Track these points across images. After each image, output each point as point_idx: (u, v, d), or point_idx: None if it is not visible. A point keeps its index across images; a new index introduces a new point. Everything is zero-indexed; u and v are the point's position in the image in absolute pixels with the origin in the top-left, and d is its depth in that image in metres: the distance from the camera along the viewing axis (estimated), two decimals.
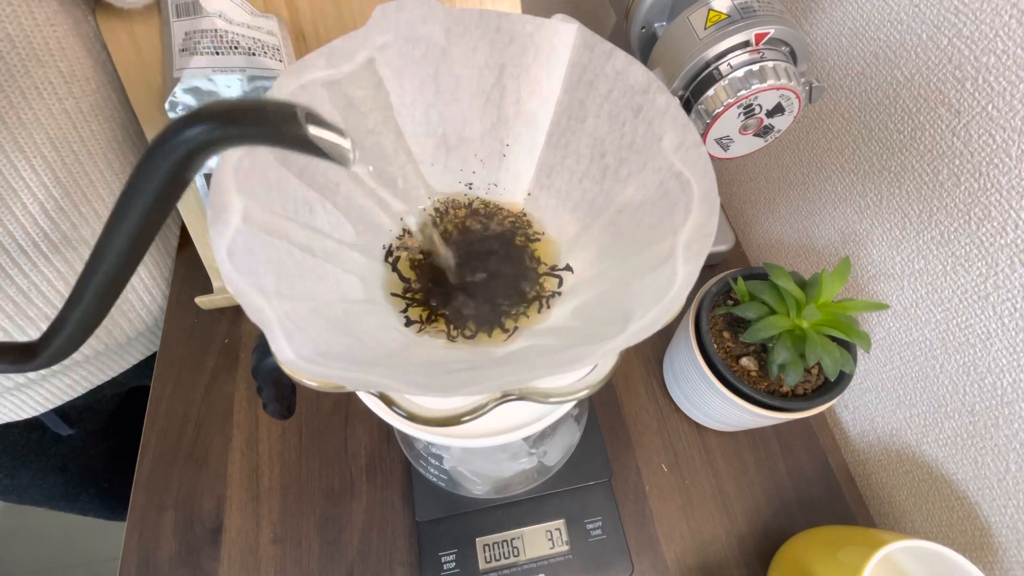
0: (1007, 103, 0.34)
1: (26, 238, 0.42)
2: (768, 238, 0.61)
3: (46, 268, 0.44)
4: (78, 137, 0.43)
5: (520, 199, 0.28)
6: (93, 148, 0.45)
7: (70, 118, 0.42)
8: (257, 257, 0.19)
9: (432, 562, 0.44)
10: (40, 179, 0.41)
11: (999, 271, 0.36)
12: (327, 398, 0.52)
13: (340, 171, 0.24)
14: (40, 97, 0.40)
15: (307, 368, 0.17)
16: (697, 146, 0.21)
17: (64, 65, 0.41)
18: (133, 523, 0.47)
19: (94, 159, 0.45)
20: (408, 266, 0.25)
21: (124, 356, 0.57)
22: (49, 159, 0.42)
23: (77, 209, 0.45)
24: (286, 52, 0.44)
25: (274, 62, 0.42)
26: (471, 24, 0.24)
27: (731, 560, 0.46)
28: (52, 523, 1.21)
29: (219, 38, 0.41)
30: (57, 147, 0.42)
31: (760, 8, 0.37)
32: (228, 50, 0.41)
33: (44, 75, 0.40)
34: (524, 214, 0.27)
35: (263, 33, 0.43)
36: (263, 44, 0.42)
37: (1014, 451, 0.38)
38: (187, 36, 0.41)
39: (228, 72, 0.40)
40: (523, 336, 0.23)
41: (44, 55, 0.39)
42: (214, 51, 0.40)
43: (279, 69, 0.42)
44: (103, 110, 0.45)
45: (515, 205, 0.28)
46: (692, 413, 0.51)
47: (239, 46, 0.41)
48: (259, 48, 0.42)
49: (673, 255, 0.20)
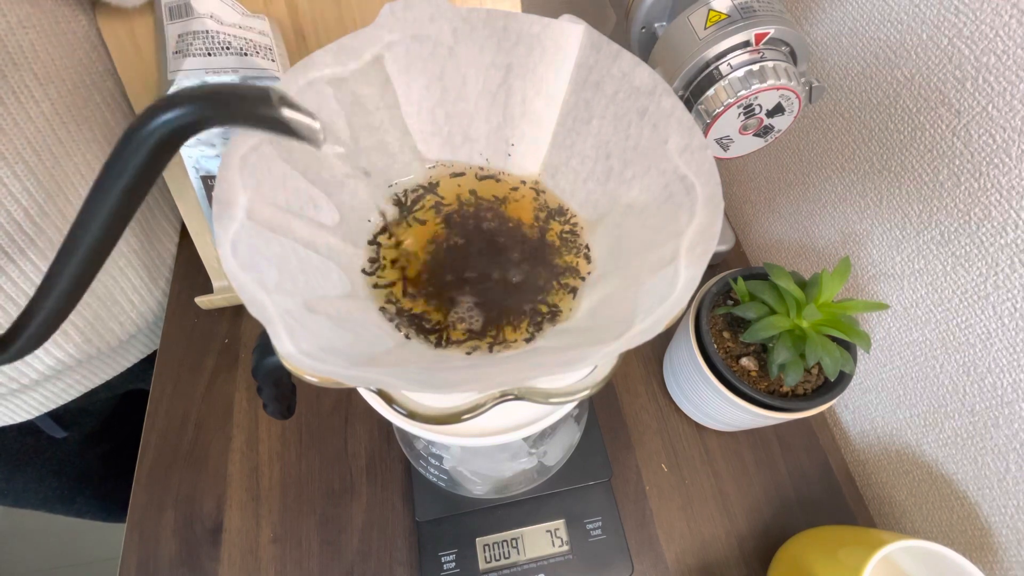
0: (1007, 103, 0.34)
1: (11, 244, 0.42)
2: (768, 238, 0.61)
3: (33, 273, 0.44)
4: (56, 139, 0.43)
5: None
6: (72, 149, 0.45)
7: (47, 120, 0.42)
8: (260, 252, 0.19)
9: (432, 562, 0.44)
10: (23, 184, 0.41)
11: (999, 271, 0.36)
12: (327, 398, 0.52)
13: (343, 169, 0.24)
14: (17, 100, 0.40)
15: (308, 364, 0.17)
16: (702, 149, 0.21)
17: (39, 67, 0.40)
18: (133, 523, 0.47)
19: (74, 160, 0.45)
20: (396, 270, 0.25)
21: (117, 359, 0.57)
22: (30, 162, 0.41)
23: (61, 212, 0.45)
24: (278, 52, 0.44)
25: (266, 62, 0.42)
26: (478, 23, 0.24)
27: (731, 560, 0.46)
28: (52, 524, 1.21)
29: (211, 39, 0.41)
30: (37, 150, 0.42)
31: (760, 8, 0.37)
32: (220, 51, 0.41)
33: (19, 78, 0.39)
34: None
35: (255, 33, 0.43)
36: (255, 44, 0.42)
37: (1014, 451, 0.38)
38: (180, 38, 0.41)
39: (221, 73, 0.40)
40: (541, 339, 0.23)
41: (18, 58, 0.39)
42: (206, 52, 0.40)
43: (272, 69, 0.42)
44: (81, 111, 0.45)
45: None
46: (692, 413, 0.51)
47: (231, 47, 0.41)
48: (251, 48, 0.42)
49: (676, 258, 0.19)
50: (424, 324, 0.22)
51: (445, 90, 0.25)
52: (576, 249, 0.25)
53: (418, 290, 0.23)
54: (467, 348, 0.22)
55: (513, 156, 0.27)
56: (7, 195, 0.40)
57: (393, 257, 0.24)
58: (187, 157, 0.43)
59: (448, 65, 0.25)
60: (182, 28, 0.41)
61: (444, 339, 0.22)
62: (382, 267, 0.24)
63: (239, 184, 0.19)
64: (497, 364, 0.21)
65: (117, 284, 0.52)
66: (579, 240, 0.25)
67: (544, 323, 0.23)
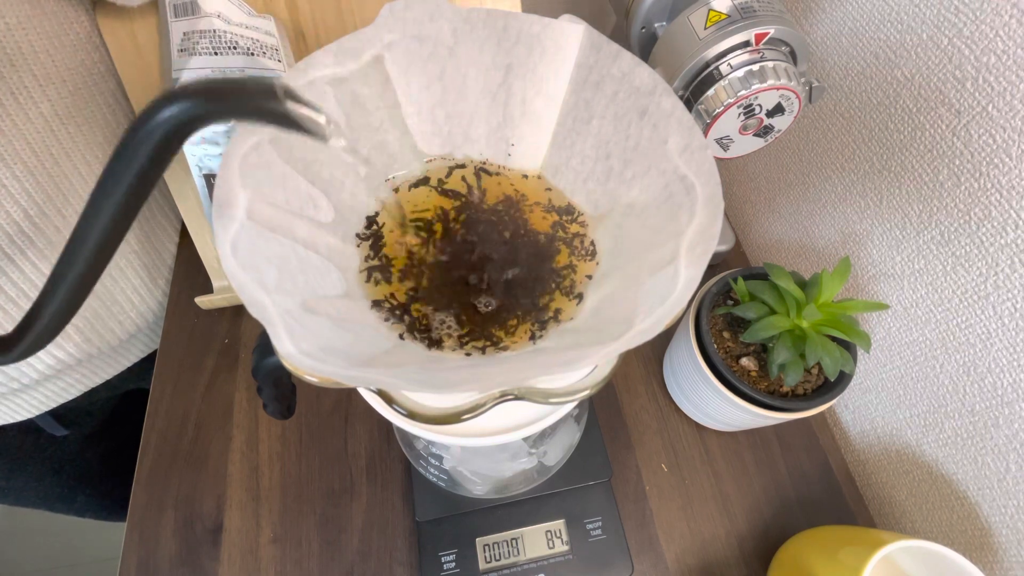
0: (1007, 103, 0.34)
1: (11, 245, 0.42)
2: (768, 238, 0.61)
3: (33, 274, 0.44)
4: (56, 140, 0.43)
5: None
6: (72, 150, 0.44)
7: (47, 122, 0.42)
8: (260, 252, 0.19)
9: (432, 562, 0.44)
10: (22, 185, 0.41)
11: (999, 271, 0.36)
12: (327, 398, 0.52)
13: (344, 168, 0.24)
14: (16, 102, 0.40)
15: (308, 364, 0.17)
16: (702, 149, 0.21)
17: (38, 68, 0.40)
18: (133, 523, 0.47)
19: (73, 161, 0.45)
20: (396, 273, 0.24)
21: (118, 358, 0.57)
22: (29, 164, 0.41)
23: (60, 213, 0.45)
24: (284, 53, 0.44)
25: (273, 62, 0.42)
26: (478, 23, 0.24)
27: (731, 560, 0.46)
28: (52, 523, 1.20)
29: (217, 38, 0.41)
30: (36, 151, 0.42)
31: (760, 8, 0.37)
32: (227, 50, 0.41)
33: (19, 79, 0.39)
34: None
35: (261, 33, 0.43)
36: (262, 44, 0.42)
37: (1014, 451, 0.38)
38: (185, 36, 0.40)
39: (228, 72, 0.40)
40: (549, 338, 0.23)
41: (17, 59, 0.39)
42: (212, 51, 0.40)
43: (279, 70, 0.42)
44: (82, 112, 0.45)
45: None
46: (692, 413, 0.51)
47: (238, 46, 0.41)
48: (258, 48, 0.42)
49: (676, 258, 0.19)
50: (421, 325, 0.22)
51: (445, 90, 0.25)
52: (581, 249, 0.25)
53: (417, 291, 0.23)
54: (467, 351, 0.22)
55: (513, 156, 0.27)
56: (6, 196, 0.40)
57: (393, 257, 0.24)
58: (191, 156, 0.43)
59: (448, 65, 0.25)
60: (188, 26, 0.41)
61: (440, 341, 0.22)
62: (381, 267, 0.24)
63: (239, 184, 0.19)
64: (497, 364, 0.21)
65: (117, 284, 0.52)
66: (584, 239, 0.25)
67: (549, 324, 0.23)
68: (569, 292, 0.23)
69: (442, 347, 0.22)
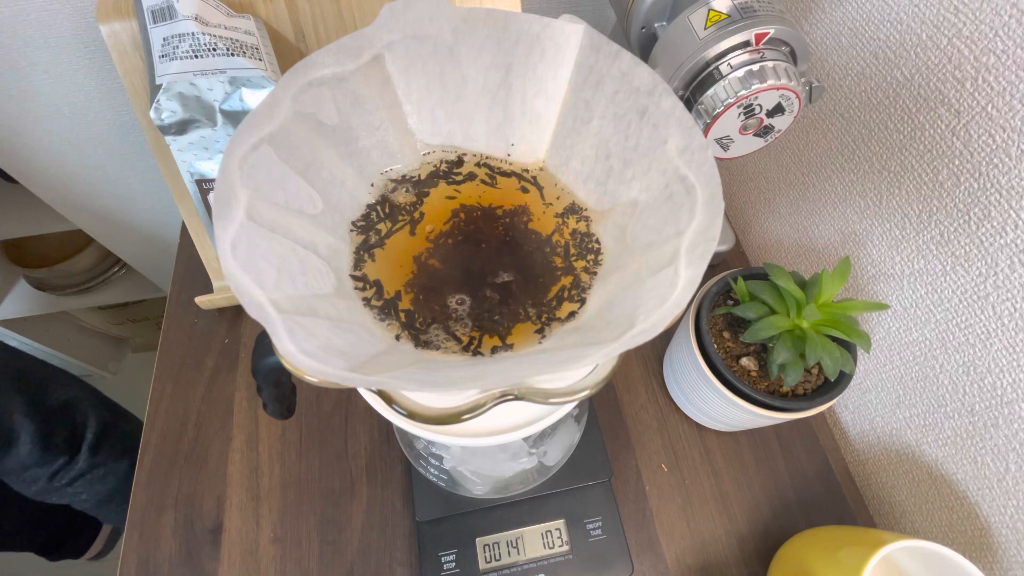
0: (1007, 103, 0.34)
1: None
2: (768, 238, 0.61)
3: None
4: None
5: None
6: None
7: None
8: (260, 252, 0.19)
9: (432, 562, 0.44)
10: None
11: (999, 271, 0.36)
12: (327, 398, 0.52)
13: (344, 168, 0.24)
14: None
15: (308, 364, 0.17)
16: (702, 149, 0.21)
17: None
18: (133, 523, 0.47)
19: None
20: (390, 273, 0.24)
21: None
22: None
23: None
24: (266, 51, 0.43)
25: (254, 62, 0.42)
26: (478, 23, 0.24)
27: (731, 560, 0.46)
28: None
29: (196, 41, 0.40)
30: None
31: (760, 8, 0.37)
32: (207, 53, 0.40)
33: None
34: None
35: (240, 33, 0.42)
36: (242, 44, 0.42)
37: (1014, 451, 0.38)
38: (165, 42, 0.40)
39: (209, 75, 0.40)
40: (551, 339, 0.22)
41: None
42: (193, 55, 0.40)
43: (260, 69, 0.42)
44: None
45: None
46: (692, 413, 0.51)
47: (217, 48, 0.41)
48: (238, 49, 0.41)
49: (676, 258, 0.19)
50: (419, 326, 0.22)
51: (445, 90, 0.25)
52: (584, 248, 0.25)
53: (417, 292, 0.23)
54: (469, 351, 0.22)
55: (513, 156, 0.27)
56: None
57: (393, 257, 0.24)
58: (181, 162, 0.43)
59: (448, 65, 0.25)
60: (167, 31, 0.40)
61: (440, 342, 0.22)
62: (380, 268, 0.24)
63: (239, 184, 0.19)
64: (497, 364, 0.21)
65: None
66: (588, 239, 0.25)
67: (552, 324, 0.23)
68: (571, 292, 0.23)
69: (442, 348, 0.22)
